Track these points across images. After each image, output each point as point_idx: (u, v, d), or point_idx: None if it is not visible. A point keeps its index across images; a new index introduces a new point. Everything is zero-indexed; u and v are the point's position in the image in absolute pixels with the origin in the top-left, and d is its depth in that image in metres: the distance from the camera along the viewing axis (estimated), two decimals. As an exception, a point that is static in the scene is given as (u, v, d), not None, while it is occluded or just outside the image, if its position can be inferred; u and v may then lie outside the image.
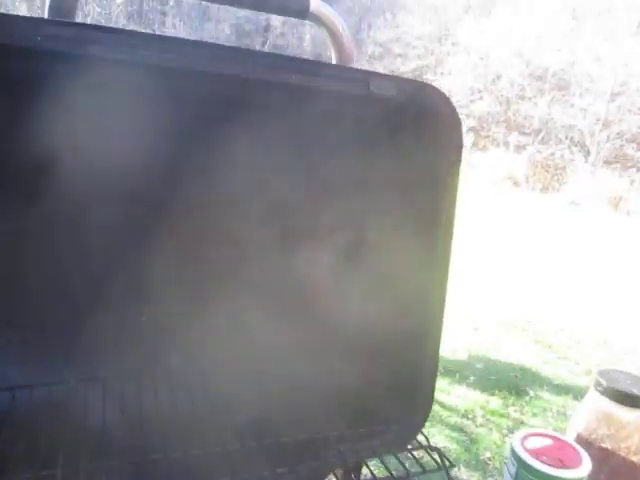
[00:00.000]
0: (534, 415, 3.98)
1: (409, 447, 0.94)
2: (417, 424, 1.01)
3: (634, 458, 1.05)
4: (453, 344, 4.42)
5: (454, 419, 3.67)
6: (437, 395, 1.04)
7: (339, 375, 1.05)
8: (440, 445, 3.30)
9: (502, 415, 3.91)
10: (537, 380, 4.51)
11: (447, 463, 0.90)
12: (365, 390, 1.01)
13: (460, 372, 4.25)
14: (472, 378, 4.25)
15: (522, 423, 3.85)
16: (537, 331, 5.43)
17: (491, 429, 3.68)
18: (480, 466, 3.31)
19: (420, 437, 0.98)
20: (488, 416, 3.82)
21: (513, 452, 0.99)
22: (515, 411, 4.01)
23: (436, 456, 0.92)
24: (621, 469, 1.05)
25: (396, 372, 1.06)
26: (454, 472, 2.99)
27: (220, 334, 1.02)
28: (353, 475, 0.96)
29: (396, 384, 1.05)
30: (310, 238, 1.06)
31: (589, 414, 1.10)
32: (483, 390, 4.15)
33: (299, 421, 0.94)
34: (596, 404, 1.09)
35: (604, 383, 1.08)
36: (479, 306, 5.73)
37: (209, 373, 1.02)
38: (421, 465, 0.89)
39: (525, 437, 1.02)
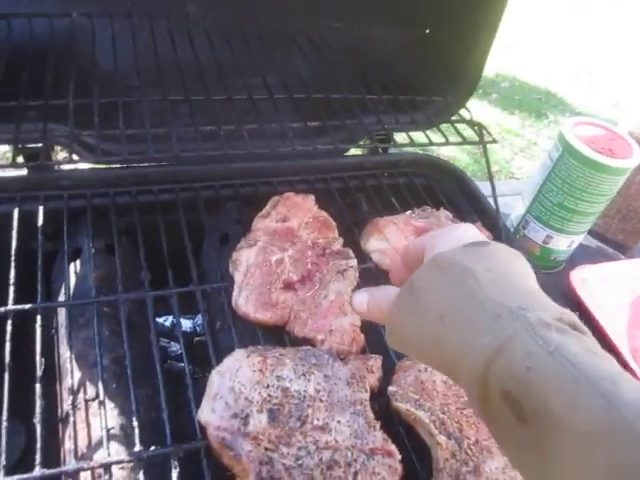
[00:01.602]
0: (549, 139, 3.96)
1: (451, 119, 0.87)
2: (461, 98, 0.93)
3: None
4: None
5: (470, 131, 3.65)
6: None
7: (381, 39, 0.92)
8: (450, 155, 3.35)
9: (517, 135, 3.88)
10: (560, 105, 4.36)
11: (488, 138, 0.84)
12: (409, 57, 0.90)
13: (484, 88, 4.08)
14: (495, 96, 4.10)
15: (535, 144, 3.86)
16: (580, 60, 5.02)
17: (504, 146, 3.70)
18: (486, 177, 3.43)
19: (463, 112, 0.90)
20: (503, 134, 3.80)
21: (561, 136, 0.92)
22: (531, 132, 3.97)
23: (477, 130, 0.85)
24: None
25: (444, 39, 0.93)
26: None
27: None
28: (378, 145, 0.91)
29: (443, 53, 0.93)
30: None
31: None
32: (504, 109, 4.04)
33: (334, 83, 0.85)
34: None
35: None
36: (520, 22, 5.18)
37: (232, 26, 0.88)
38: (462, 136, 0.83)
39: (576, 124, 0.95)
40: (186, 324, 0.88)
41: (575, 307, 0.87)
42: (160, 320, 0.87)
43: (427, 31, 1.02)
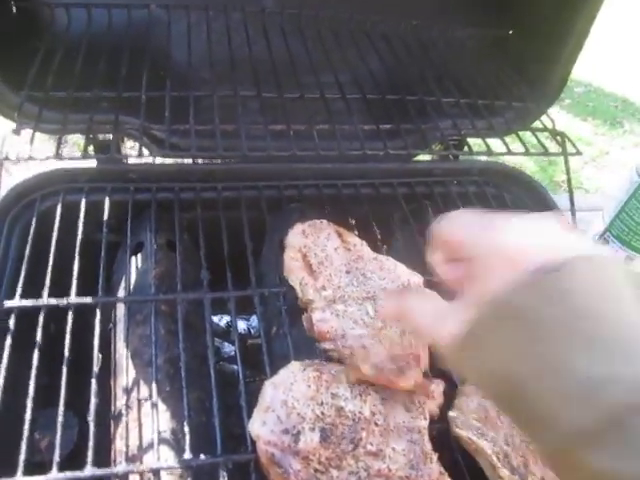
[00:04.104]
0: (622, 149, 3.75)
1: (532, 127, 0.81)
2: (543, 105, 0.86)
3: None
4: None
5: (538, 136, 3.47)
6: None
7: (460, 39, 0.87)
8: (514, 161, 3.23)
9: (588, 143, 3.69)
10: (638, 114, 4.12)
11: (573, 150, 0.78)
12: (489, 59, 0.84)
13: (556, 93, 3.92)
14: (568, 101, 3.91)
15: (607, 154, 3.66)
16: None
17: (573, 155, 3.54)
18: (552, 187, 3.27)
19: (545, 119, 0.84)
20: (574, 142, 3.63)
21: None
22: (603, 141, 3.77)
23: (559, 140, 0.79)
24: None
25: (528, 41, 0.87)
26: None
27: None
28: (453, 152, 0.86)
29: (526, 56, 0.87)
30: None
31: None
32: (576, 115, 3.86)
33: (409, 84, 0.81)
34: None
35: None
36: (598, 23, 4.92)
37: (307, 21, 0.86)
38: (543, 146, 0.77)
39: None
40: (240, 325, 0.87)
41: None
42: (214, 319, 0.86)
43: (510, 32, 0.96)
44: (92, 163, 0.79)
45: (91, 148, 0.78)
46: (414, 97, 0.79)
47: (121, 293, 0.70)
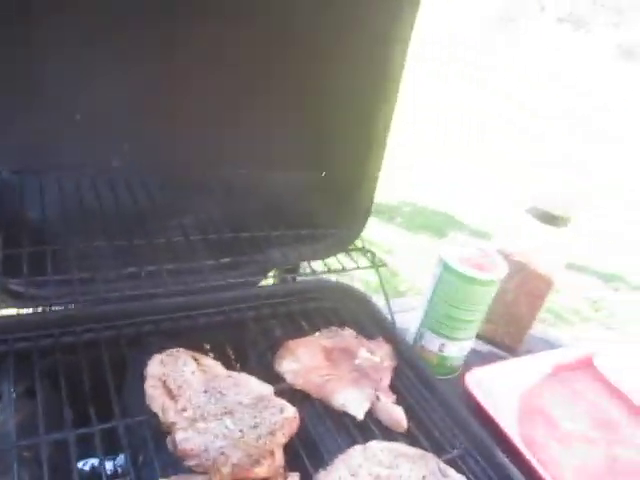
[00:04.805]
0: (451, 254, 4.33)
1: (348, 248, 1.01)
2: (356, 230, 1.07)
3: (542, 271, 1.19)
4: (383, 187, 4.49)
5: (378, 254, 3.88)
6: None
7: (282, 182, 1.07)
8: (363, 277, 3.58)
9: (421, 253, 4.22)
10: (457, 225, 4.85)
11: (379, 262, 0.97)
12: (307, 196, 1.04)
13: (389, 214, 4.48)
14: (399, 219, 4.50)
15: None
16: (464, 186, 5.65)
17: (411, 264, 4.00)
18: (397, 295, 3.64)
19: (357, 242, 1.04)
20: (410, 253, 4.12)
21: (440, 257, 1.08)
22: (433, 250, 4.33)
23: (369, 256, 0.99)
24: (530, 278, 1.20)
25: (338, 180, 1.09)
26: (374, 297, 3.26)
27: (161, 132, 0.98)
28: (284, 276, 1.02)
29: (338, 191, 1.08)
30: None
31: (513, 230, 1.21)
32: (409, 230, 4.42)
33: (242, 222, 0.97)
34: (520, 221, 1.20)
35: (532, 203, 1.18)
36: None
37: (151, 174, 1.00)
38: (356, 263, 0.96)
39: (454, 246, 1.11)
40: (107, 465, 0.87)
41: (472, 406, 0.97)
42: (79, 464, 0.86)
43: (323, 174, 1.19)
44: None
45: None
46: (247, 233, 0.95)
47: (-22, 448, 0.70)
